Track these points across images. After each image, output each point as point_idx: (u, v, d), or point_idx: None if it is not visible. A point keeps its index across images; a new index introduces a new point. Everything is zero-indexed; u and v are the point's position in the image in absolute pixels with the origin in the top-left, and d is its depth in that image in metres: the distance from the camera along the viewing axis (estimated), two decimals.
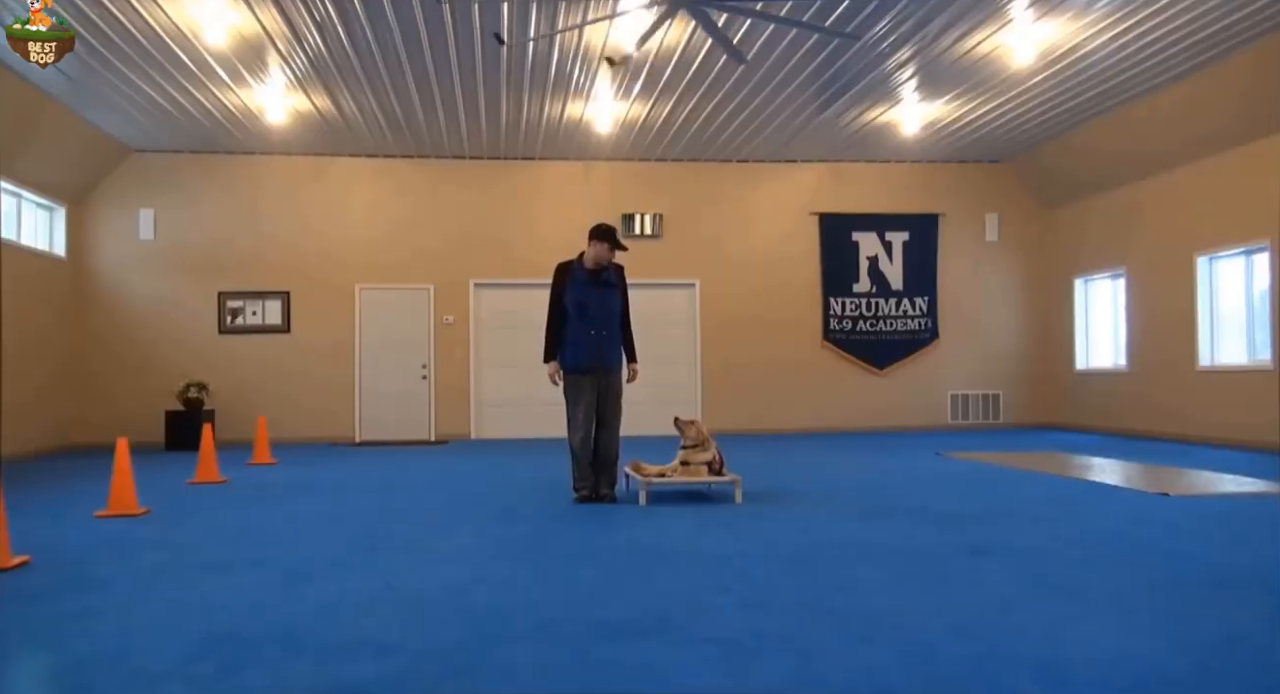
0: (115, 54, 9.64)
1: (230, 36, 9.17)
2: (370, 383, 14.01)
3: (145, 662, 3.29)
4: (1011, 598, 4.03)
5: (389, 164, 14.16)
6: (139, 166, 13.73)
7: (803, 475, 8.86)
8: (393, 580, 4.52)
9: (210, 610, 4.00)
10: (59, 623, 3.84)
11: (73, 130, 12.06)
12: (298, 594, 4.27)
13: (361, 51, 9.74)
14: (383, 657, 3.28)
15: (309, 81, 10.68)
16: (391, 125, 12.49)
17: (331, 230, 14.04)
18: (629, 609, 3.89)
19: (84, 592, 4.37)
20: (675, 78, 10.74)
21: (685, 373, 14.51)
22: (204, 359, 13.54)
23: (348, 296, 14.05)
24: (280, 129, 12.47)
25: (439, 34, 9.29)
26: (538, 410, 14.18)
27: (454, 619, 3.78)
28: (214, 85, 10.75)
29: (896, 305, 14.91)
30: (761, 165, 14.72)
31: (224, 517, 6.80)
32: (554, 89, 11.07)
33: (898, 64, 10.31)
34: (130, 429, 11.92)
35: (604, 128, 12.56)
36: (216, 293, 13.78)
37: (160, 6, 8.49)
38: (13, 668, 3.38)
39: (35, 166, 12.01)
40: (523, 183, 14.38)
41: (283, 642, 3.49)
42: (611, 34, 9.33)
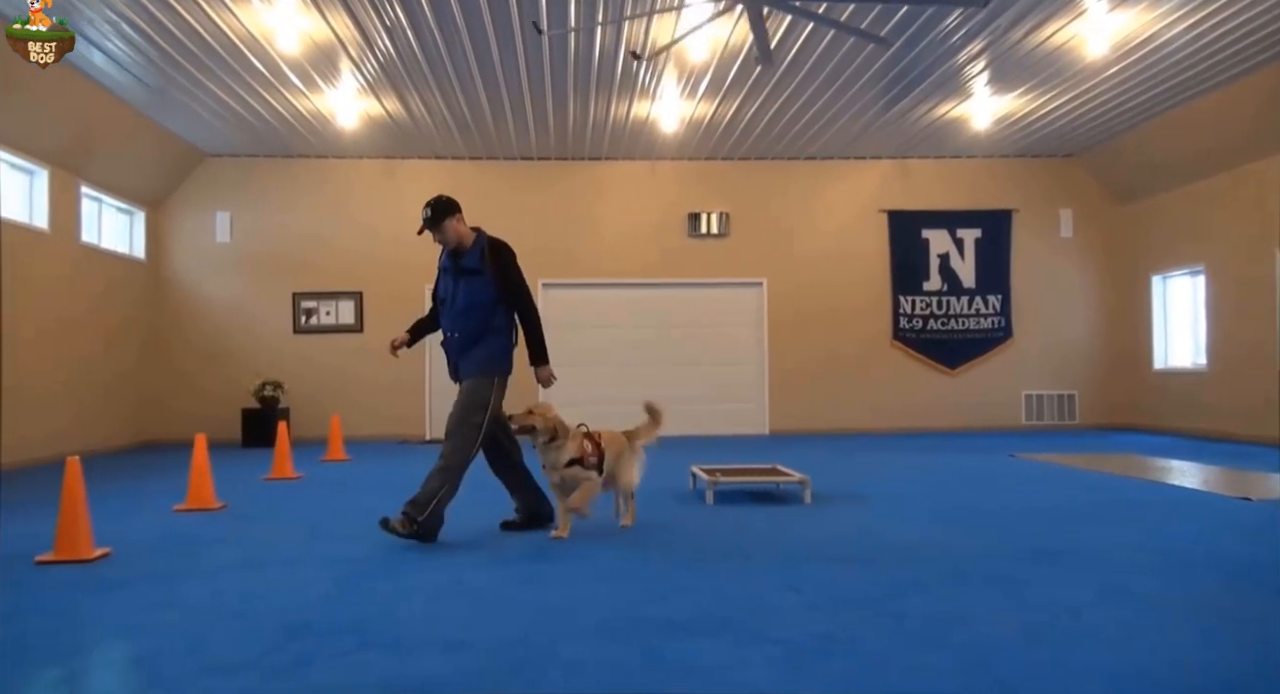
0: (191, 61, 9.93)
1: (302, 42, 9.38)
2: (440, 382, 14.17)
3: (221, 652, 3.40)
4: (1081, 604, 3.95)
5: (457, 165, 14.35)
6: (215, 171, 14.12)
7: (871, 477, 8.77)
8: (459, 576, 4.60)
9: (284, 603, 4.11)
10: (138, 613, 3.99)
11: (150, 136, 12.44)
12: (368, 589, 4.37)
13: (430, 55, 9.89)
14: (451, 651, 3.35)
15: (379, 85, 10.88)
16: (460, 127, 12.66)
17: (401, 231, 14.22)
18: (693, 608, 3.91)
19: (162, 583, 4.52)
20: (741, 75, 10.71)
21: (752, 373, 14.46)
22: (279, 358, 13.87)
23: (418, 297, 14.23)
24: (351, 132, 12.72)
25: (507, 36, 9.39)
26: (602, 409, 14.25)
27: (520, 615, 3.84)
28: (287, 90, 11.00)
29: (969, 303, 14.68)
30: (829, 162, 14.60)
31: (298, 512, 6.98)
32: (620, 89, 11.12)
33: (969, 57, 10.15)
34: (208, 426, 12.25)
35: (669, 127, 12.57)
36: (291, 293, 14.10)
37: (234, 14, 8.73)
38: (94, 656, 3.52)
39: (115, 172, 12.43)
40: (589, 183, 14.47)
41: (353, 635, 3.58)
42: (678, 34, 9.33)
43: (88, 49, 9.56)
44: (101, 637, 3.72)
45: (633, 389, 14.26)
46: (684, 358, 14.33)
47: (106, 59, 9.85)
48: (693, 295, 14.45)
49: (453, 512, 5.54)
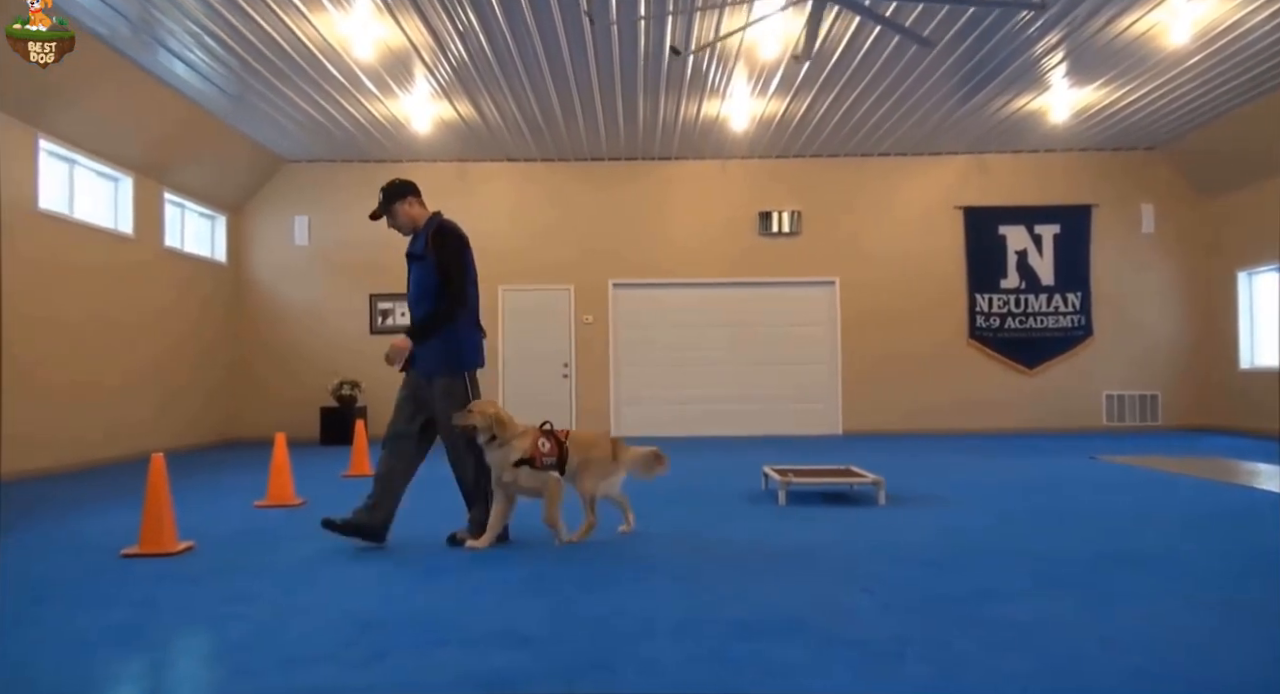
0: (269, 69, 10.16)
1: (377, 49, 9.53)
2: (514, 381, 14.33)
3: (299, 644, 3.45)
4: (1165, 610, 3.81)
5: (529, 167, 14.46)
6: (293, 176, 14.43)
7: (947, 478, 8.61)
8: (533, 574, 4.61)
9: (360, 597, 4.17)
10: (220, 605, 4.07)
11: (231, 143, 12.77)
12: (441, 584, 4.40)
13: (503, 58, 9.97)
14: (525, 647, 3.35)
15: (452, 89, 11.00)
16: (532, 129, 12.75)
17: (474, 233, 14.13)
18: (767, 609, 3.86)
19: (243, 577, 4.62)
20: (813, 72, 10.60)
21: (824, 372, 14.30)
22: (356, 358, 14.12)
23: (491, 297, 14.35)
24: (425, 136, 12.89)
25: (578, 38, 9.43)
26: (677, 408, 14.27)
27: (594, 613, 3.83)
28: (362, 96, 11.19)
29: (1047, 301, 14.32)
30: (903, 159, 14.38)
31: None
32: (690, 88, 11.09)
33: (1046, 48, 9.91)
34: (287, 424, 12.54)
35: (740, 125, 12.50)
36: (368, 295, 14.34)
37: (311, 23, 8.89)
38: (177, 647, 3.60)
39: (197, 178, 12.79)
40: (660, 182, 14.46)
41: (427, 629, 3.61)
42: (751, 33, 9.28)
43: (169, 60, 9.85)
44: (185, 627, 3.80)
45: (704, 390, 14.27)
46: (755, 358, 14.24)
47: (188, 69, 10.13)
48: (764, 295, 14.34)
49: (524, 512, 5.55)
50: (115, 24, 8.87)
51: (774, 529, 5.88)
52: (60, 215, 10.08)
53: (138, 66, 9.99)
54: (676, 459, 10.49)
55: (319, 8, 8.55)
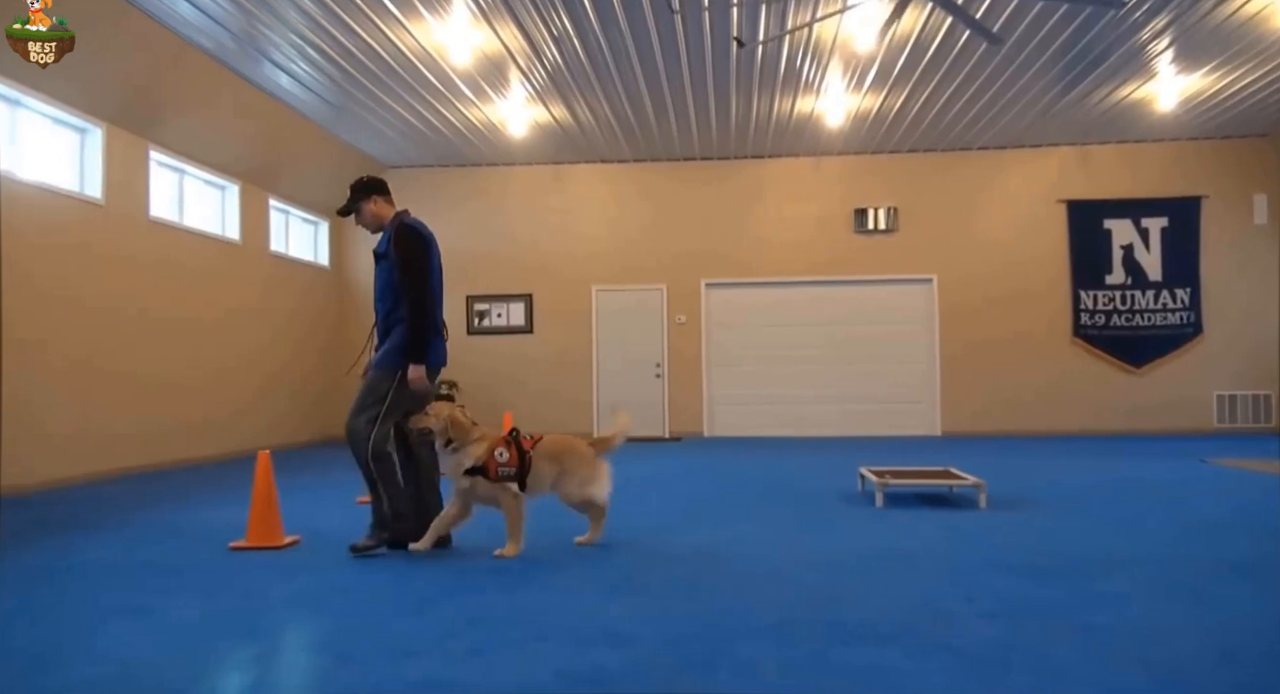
0: (370, 78, 10.42)
1: (474, 55, 9.69)
2: (608, 380, 14.42)
3: (402, 637, 3.53)
4: None
5: (622, 169, 14.53)
6: (392, 181, 14.52)
7: (1050, 481, 8.36)
8: (629, 572, 4.63)
9: (459, 592, 4.24)
10: (325, 597, 4.20)
11: (333, 151, 13.13)
12: (541, 581, 4.45)
13: (596, 61, 10.04)
14: (623, 645, 3.37)
15: (547, 93, 11.12)
16: (625, 131, 12.81)
17: (569, 234, 14.57)
18: (866, 613, 3.81)
19: (346, 570, 4.74)
20: (909, 66, 10.41)
21: (922, 372, 14.03)
22: (454, 358, 14.17)
23: (585, 298, 14.52)
24: (521, 140, 13.06)
25: (670, 39, 9.44)
26: (771, 408, 14.18)
27: (691, 613, 3.83)
28: (459, 102, 11.39)
29: (1155, 298, 13.80)
30: (1002, 152, 14.02)
31: None
32: (784, 85, 11.00)
33: (1153, 34, 9.54)
34: None
35: (835, 121, 12.35)
36: (465, 296, 14.60)
37: (409, 32, 9.09)
38: (284, 636, 3.71)
39: (301, 186, 13.20)
40: (752, 181, 14.37)
41: (526, 625, 3.65)
42: (844, 27, 9.16)
43: (274, 72, 10.18)
44: (291, 618, 3.93)
45: (798, 390, 14.14)
46: (851, 357, 14.05)
47: (291, 80, 10.45)
48: (860, 293, 14.14)
49: (616, 511, 5.56)
50: (221, 38, 9.21)
51: (871, 531, 5.79)
52: (171, 222, 10.51)
53: (243, 79, 10.35)
54: (771, 460, 10.51)
55: (417, 17, 8.74)
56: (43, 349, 8.43)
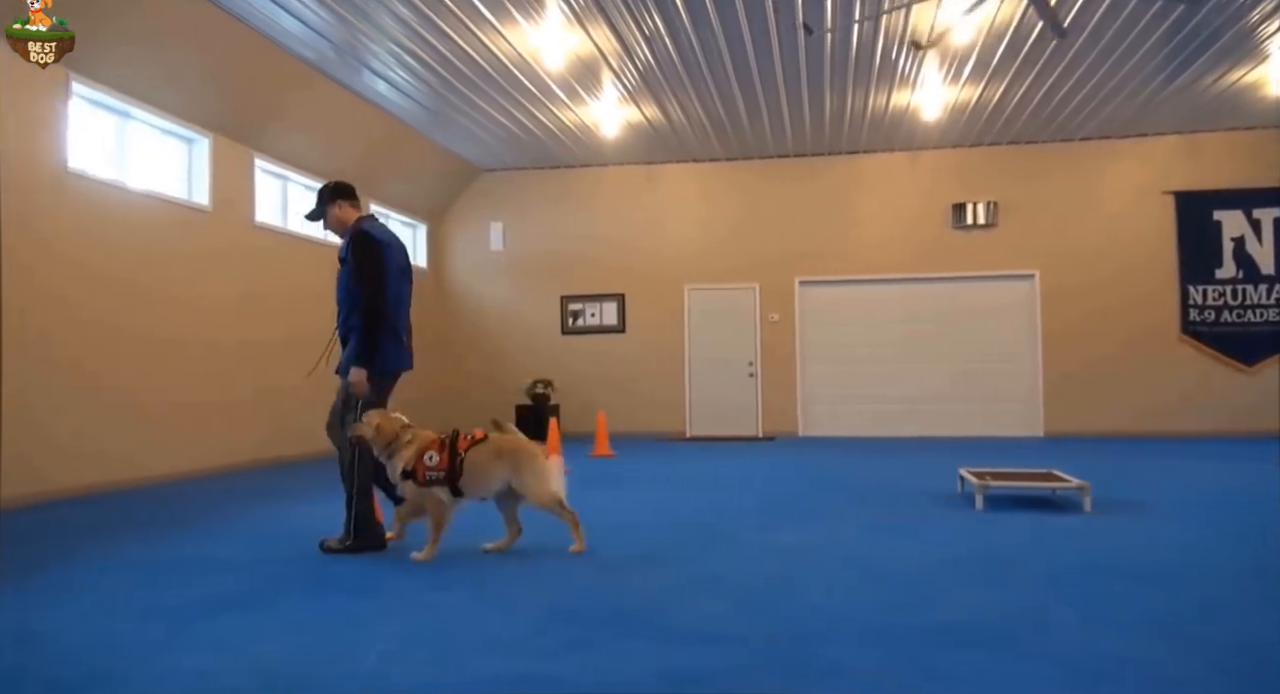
0: (465, 84, 10.62)
1: (567, 58, 9.79)
2: (700, 380, 14.42)
3: (497, 633, 3.61)
4: None
5: (714, 167, 14.51)
6: (488, 184, 15.03)
7: (1159, 484, 8.06)
8: (721, 572, 4.63)
9: (554, 589, 4.31)
10: (424, 592, 4.30)
11: (430, 155, 13.42)
12: (632, 580, 4.48)
13: (688, 61, 10.05)
14: (714, 646, 3.38)
15: (639, 93, 11.18)
16: (716, 129, 12.78)
17: (661, 234, 14.62)
18: (965, 618, 3.74)
19: (447, 566, 4.84)
20: (1008, 56, 10.15)
21: (1024, 371, 13.66)
22: (548, 358, 14.58)
23: (677, 297, 14.55)
24: (613, 141, 13.15)
25: (762, 37, 9.39)
26: (867, 408, 13.99)
27: (784, 614, 3.81)
28: (553, 105, 11.53)
29: (1267, 292, 13.16)
30: (1105, 142, 13.55)
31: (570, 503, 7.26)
32: (878, 79, 10.83)
33: (1263, 14, 9.11)
34: (484, 422, 13.02)
35: (931, 115, 12.11)
36: (559, 296, 14.77)
37: (504, 37, 9.24)
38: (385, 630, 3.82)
39: (400, 190, 13.55)
40: (846, 177, 14.20)
41: (618, 624, 3.69)
42: (938, 16, 8.99)
43: (372, 80, 10.46)
44: (391, 612, 4.03)
45: (894, 389, 13.92)
46: (949, 356, 13.77)
47: (389, 87, 10.72)
48: (958, 290, 13.85)
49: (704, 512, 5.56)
50: (322, 48, 9.50)
51: (970, 534, 5.67)
52: (275, 227, 10.89)
53: (343, 87, 10.65)
54: (867, 460, 10.39)
55: (511, 22, 8.87)
56: (152, 352, 8.82)
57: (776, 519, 6.38)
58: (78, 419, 7.89)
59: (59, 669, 3.25)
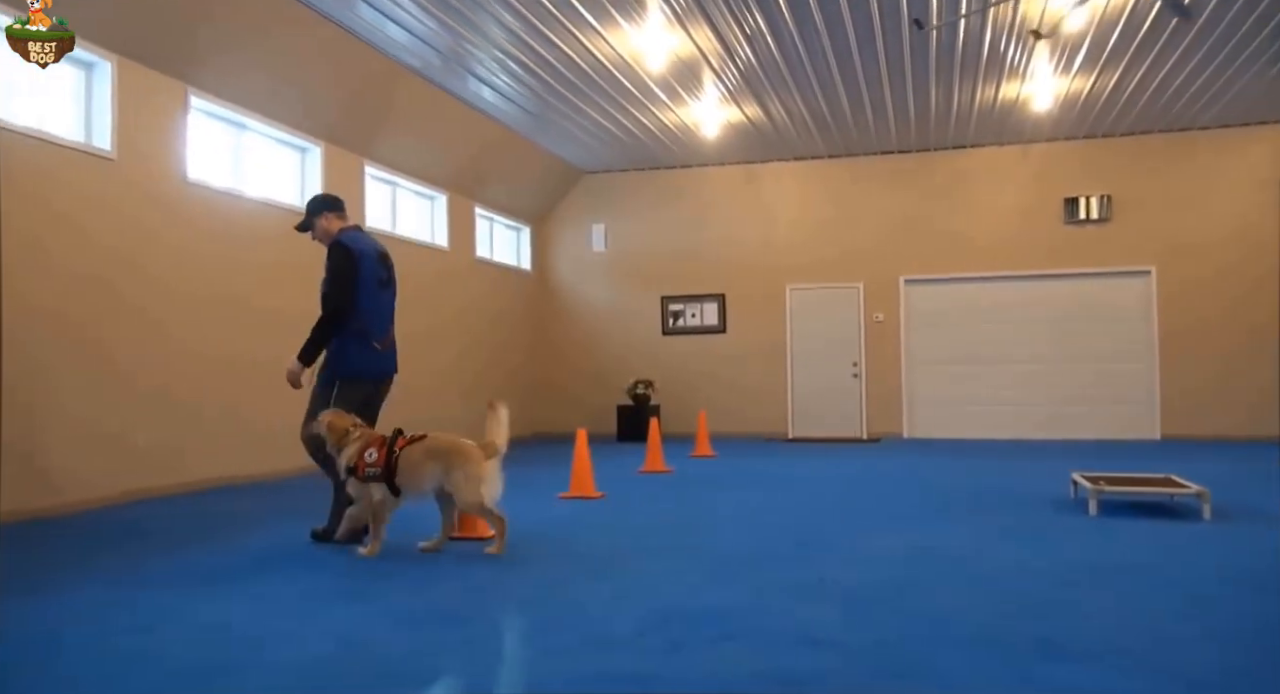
0: (568, 87, 10.77)
1: (668, 59, 9.85)
2: (802, 381, 14.32)
3: (600, 630, 3.67)
4: None
5: (816, 165, 14.38)
6: (590, 186, 15.20)
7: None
8: (824, 575, 4.61)
9: (656, 589, 4.35)
10: (529, 589, 4.41)
11: (534, 159, 13.65)
12: (734, 581, 4.50)
13: (790, 59, 10.00)
14: (817, 649, 3.37)
15: (740, 93, 11.16)
16: (819, 126, 12.68)
17: (763, 233, 14.56)
18: (1076, 628, 3.65)
19: (549, 563, 4.95)
20: (1122, 43, 9.80)
21: (1140, 371, 13.17)
22: (649, 358, 14.67)
23: (779, 297, 14.47)
24: (713, 141, 13.16)
25: (866, 33, 9.28)
26: (974, 409, 13.69)
27: (890, 620, 3.78)
28: (654, 106, 11.60)
29: None
30: (1224, 132, 12.95)
31: (669, 503, 7.33)
32: (986, 71, 10.58)
33: None
34: (587, 421, 13.23)
35: (1042, 106, 11.75)
36: (660, 297, 14.85)
37: (606, 40, 9.34)
38: (491, 625, 3.92)
39: (503, 193, 13.82)
40: (953, 172, 13.90)
41: (721, 624, 3.71)
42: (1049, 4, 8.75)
43: (478, 86, 10.70)
44: (497, 608, 4.14)
45: (1003, 390, 13.59)
46: (1060, 355, 13.37)
47: (494, 93, 10.95)
48: (1070, 288, 13.43)
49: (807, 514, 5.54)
50: (428, 57, 9.75)
51: (1083, 541, 5.52)
52: (385, 232, 11.22)
53: (449, 94, 10.91)
54: (975, 463, 10.18)
55: (613, 25, 8.97)
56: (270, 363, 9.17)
57: (882, 523, 6.31)
58: (203, 417, 8.27)
59: (178, 657, 3.43)
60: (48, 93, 7.19)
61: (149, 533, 6.16)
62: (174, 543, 5.66)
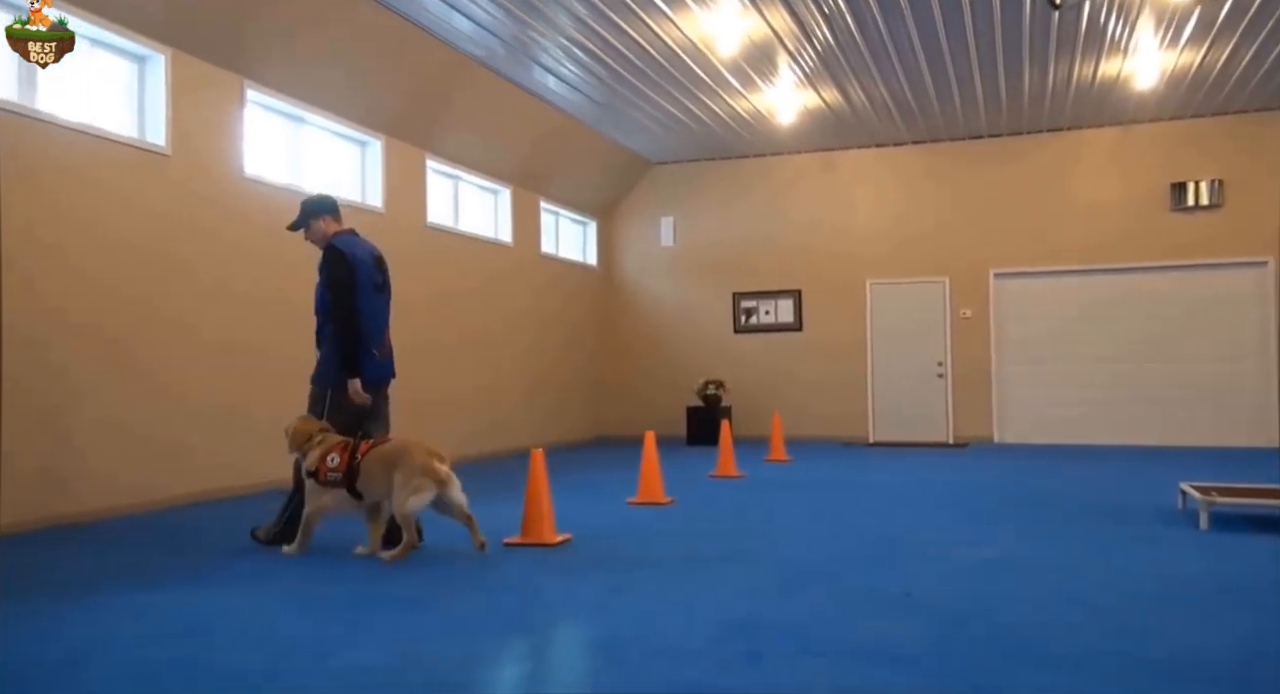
0: (635, 75, 10.79)
1: (741, 43, 9.81)
2: (883, 381, 14.15)
3: (670, 641, 3.67)
4: None
5: (898, 152, 14.20)
6: (658, 178, 15.21)
7: None
8: (908, 586, 4.55)
9: (728, 598, 4.34)
10: (596, 597, 4.43)
11: (601, 150, 13.71)
12: (811, 591, 4.47)
13: (871, 39, 9.88)
14: (901, 666, 3.34)
15: (818, 77, 11.07)
16: (902, 111, 12.51)
17: (840, 225, 14.43)
18: (1184, 650, 3.54)
19: (618, 571, 4.97)
20: (1235, 13, 9.47)
21: (1255, 370, 12.73)
22: (720, 357, 14.63)
23: (858, 293, 14.33)
24: (789, 128, 13.07)
25: (954, 11, 9.14)
26: (1072, 412, 13.39)
27: (977, 635, 3.72)
28: (726, 93, 11.57)
29: None
30: None
31: (743, 510, 7.31)
32: (1085, 48, 10.33)
33: None
34: (654, 423, 13.26)
35: (1146, 83, 11.43)
36: (731, 293, 14.80)
37: (676, 25, 9.33)
38: (556, 634, 3.95)
39: (569, 186, 13.92)
40: (1048, 158, 13.61)
41: (798, 636, 3.69)
42: None
43: (543, 75, 10.78)
44: (563, 616, 4.17)
45: (1105, 392, 13.26)
46: (1166, 354, 13.00)
47: (559, 82, 11.02)
48: (1178, 280, 13.05)
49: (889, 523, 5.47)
50: (492, 46, 9.85)
51: (1193, 556, 5.36)
52: (447, 228, 11.36)
53: (513, 84, 11.01)
54: (1072, 470, 9.96)
55: (684, 9, 8.96)
56: None
57: (971, 533, 6.21)
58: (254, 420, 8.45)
59: (228, 662, 3.50)
60: (99, 87, 7.40)
61: (201, 534, 6.32)
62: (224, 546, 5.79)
